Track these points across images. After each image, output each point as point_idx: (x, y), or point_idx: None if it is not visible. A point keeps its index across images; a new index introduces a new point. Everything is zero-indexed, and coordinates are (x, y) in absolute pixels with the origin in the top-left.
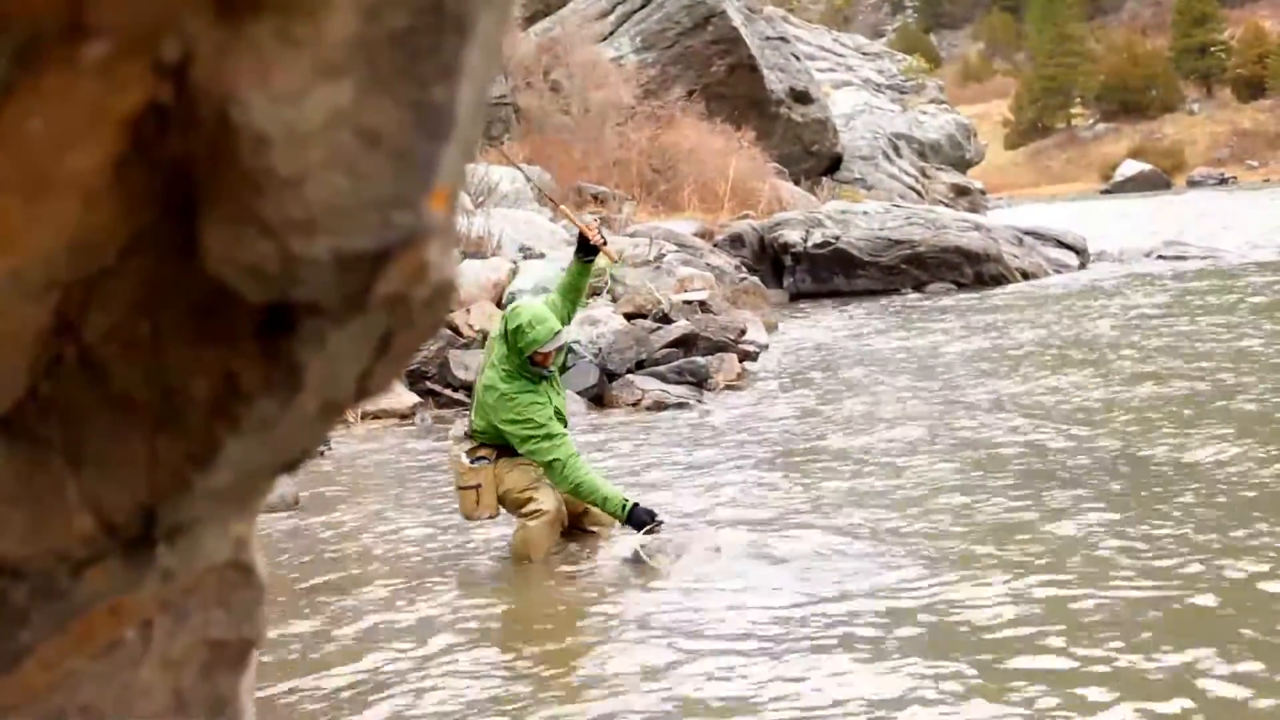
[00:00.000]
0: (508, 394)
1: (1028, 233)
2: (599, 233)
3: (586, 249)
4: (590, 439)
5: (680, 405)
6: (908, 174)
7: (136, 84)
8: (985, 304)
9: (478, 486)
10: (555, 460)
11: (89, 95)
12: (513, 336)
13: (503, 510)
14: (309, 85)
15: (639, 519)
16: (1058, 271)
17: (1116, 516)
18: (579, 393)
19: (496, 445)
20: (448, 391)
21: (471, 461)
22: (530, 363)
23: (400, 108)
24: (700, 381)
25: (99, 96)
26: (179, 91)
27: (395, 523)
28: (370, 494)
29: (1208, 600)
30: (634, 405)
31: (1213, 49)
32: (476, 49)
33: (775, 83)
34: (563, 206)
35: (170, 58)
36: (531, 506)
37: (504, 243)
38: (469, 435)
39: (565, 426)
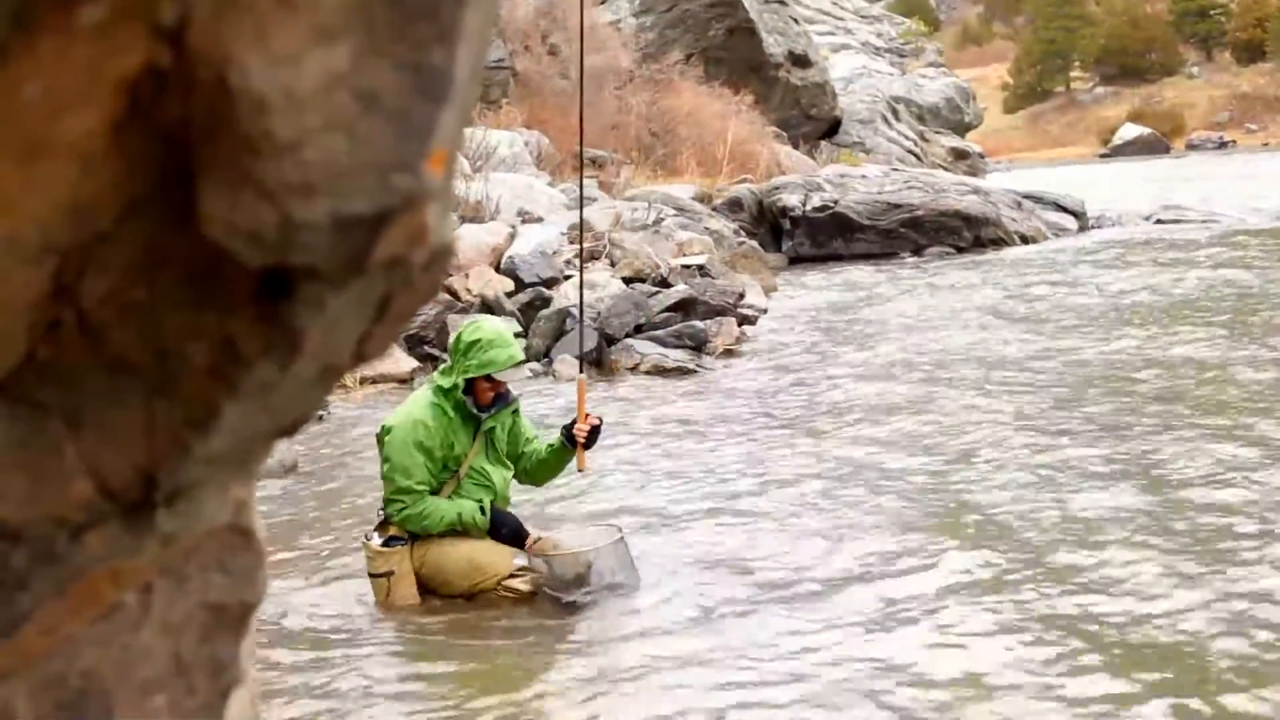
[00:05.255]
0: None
1: (1026, 196)
2: (590, 434)
3: (572, 438)
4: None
5: (679, 369)
6: (906, 138)
7: (133, 47)
8: (982, 267)
9: (389, 574)
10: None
11: (85, 59)
12: (464, 350)
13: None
14: (306, 48)
15: (501, 522)
16: (1056, 235)
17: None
18: (577, 357)
19: None
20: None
21: (383, 543)
22: (469, 391)
23: (398, 70)
24: (699, 345)
25: (95, 60)
26: (176, 55)
27: None
28: (368, 459)
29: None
30: (633, 369)
31: (1212, 12)
32: (474, 11)
33: (774, 46)
34: (583, 380)
35: (167, 20)
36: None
37: (502, 207)
38: (382, 511)
39: (493, 500)
